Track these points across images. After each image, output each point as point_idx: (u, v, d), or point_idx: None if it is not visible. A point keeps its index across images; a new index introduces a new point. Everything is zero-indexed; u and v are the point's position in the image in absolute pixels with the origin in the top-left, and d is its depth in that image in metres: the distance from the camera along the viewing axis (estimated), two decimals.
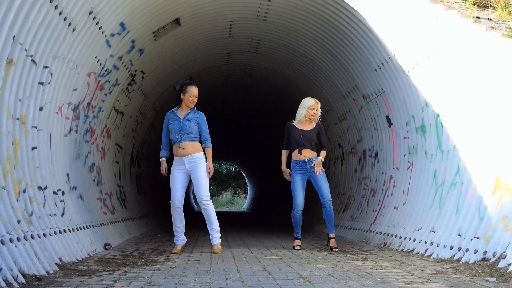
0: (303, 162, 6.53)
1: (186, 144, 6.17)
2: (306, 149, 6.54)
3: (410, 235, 6.22)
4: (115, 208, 8.17)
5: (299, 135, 6.56)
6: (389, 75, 7.21)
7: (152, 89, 9.73)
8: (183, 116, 6.25)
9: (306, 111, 6.59)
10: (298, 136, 6.56)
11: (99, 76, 6.80)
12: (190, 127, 6.18)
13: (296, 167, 6.57)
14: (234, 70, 11.18)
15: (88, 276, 4.21)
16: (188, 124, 6.19)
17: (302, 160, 6.54)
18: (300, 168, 6.55)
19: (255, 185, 29.01)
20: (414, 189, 6.66)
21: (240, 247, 6.88)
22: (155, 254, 5.94)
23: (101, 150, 7.80)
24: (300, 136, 6.56)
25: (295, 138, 6.57)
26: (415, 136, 6.77)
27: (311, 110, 6.58)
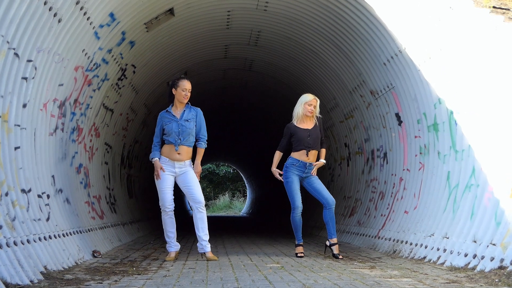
0: (303, 164, 6.55)
1: (183, 149, 6.16)
2: (312, 151, 6.58)
3: (421, 242, 6.22)
4: (104, 213, 8.18)
5: (306, 136, 6.57)
6: (399, 69, 7.21)
7: (144, 84, 9.73)
8: (180, 116, 6.22)
9: (303, 107, 6.61)
10: (305, 137, 6.57)
11: (87, 70, 6.80)
12: (190, 129, 6.16)
13: (293, 167, 6.57)
14: (232, 64, 11.18)
15: (75, 286, 4.21)
16: (188, 125, 6.17)
17: (304, 162, 6.54)
18: (298, 169, 6.56)
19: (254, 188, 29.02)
20: (426, 192, 6.67)
21: (239, 254, 6.89)
22: (147, 262, 5.94)
23: (89, 150, 7.81)
24: (308, 137, 6.56)
25: (302, 139, 6.57)
26: (427, 135, 6.78)
27: (309, 106, 6.59)
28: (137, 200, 12.17)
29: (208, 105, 14.43)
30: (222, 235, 11.00)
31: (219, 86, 12.88)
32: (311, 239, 9.62)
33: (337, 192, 10.79)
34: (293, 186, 6.54)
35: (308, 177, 6.56)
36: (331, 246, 6.50)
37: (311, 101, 6.60)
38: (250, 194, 31.69)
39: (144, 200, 13.22)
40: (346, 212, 9.80)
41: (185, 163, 6.19)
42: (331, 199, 6.50)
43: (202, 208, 6.19)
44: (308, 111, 6.59)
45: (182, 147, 6.15)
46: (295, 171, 6.56)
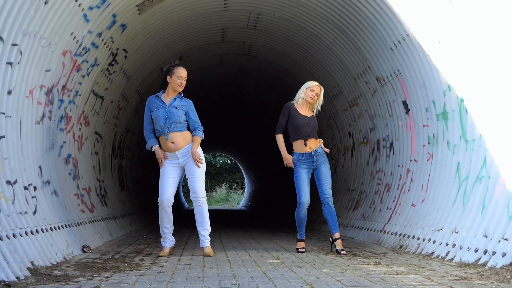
0: (309, 155, 6.56)
1: (175, 136, 6.11)
2: (311, 139, 6.56)
3: (429, 236, 6.24)
4: (94, 206, 8.19)
5: (305, 123, 6.57)
6: (407, 54, 7.20)
7: (136, 70, 9.71)
8: (169, 103, 6.20)
9: (305, 92, 6.62)
10: (303, 125, 6.58)
11: (75, 55, 6.78)
12: (177, 116, 6.12)
13: (300, 161, 6.58)
14: (229, 49, 11.16)
15: (64, 282, 4.22)
16: (176, 112, 6.13)
17: (308, 152, 6.56)
18: (306, 162, 6.57)
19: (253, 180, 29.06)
20: (434, 184, 6.68)
21: (237, 249, 6.90)
22: (140, 258, 5.96)
23: (78, 139, 7.80)
24: (306, 124, 6.56)
25: (300, 126, 6.57)
26: (435, 124, 6.78)
27: (311, 91, 6.60)
28: (129, 193, 12.19)
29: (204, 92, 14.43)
30: (219, 229, 11.02)
31: (216, 72, 12.86)
32: (313, 234, 9.65)
33: (340, 184, 10.81)
34: (300, 180, 6.56)
35: (319, 166, 6.58)
36: (334, 241, 6.52)
37: (314, 87, 6.62)
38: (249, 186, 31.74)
39: (136, 192, 13.24)
40: (350, 205, 9.82)
41: (186, 148, 6.12)
42: (328, 194, 6.54)
43: (201, 201, 6.17)
44: (309, 96, 6.60)
45: (172, 134, 6.12)
46: (304, 165, 6.58)
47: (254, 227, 12.11)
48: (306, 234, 9.29)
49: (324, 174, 6.57)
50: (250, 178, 30.78)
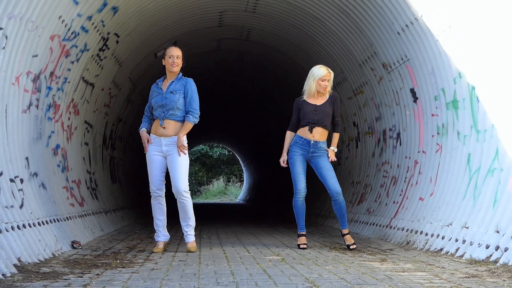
0: (307, 142, 6.55)
1: (169, 123, 6.14)
2: (317, 128, 6.55)
3: (438, 232, 6.25)
4: (84, 199, 8.20)
5: (311, 110, 6.57)
6: (415, 39, 7.18)
7: (128, 55, 9.70)
8: (166, 88, 6.23)
9: (316, 83, 6.58)
10: (310, 112, 6.56)
11: (64, 40, 6.76)
12: (174, 101, 6.13)
13: (297, 145, 6.58)
14: (227, 33, 11.13)
15: (53, 280, 4.23)
16: (172, 98, 6.14)
17: (308, 140, 6.54)
18: (301, 148, 6.56)
19: (253, 172, 29.07)
20: (443, 177, 6.68)
21: (234, 245, 6.92)
22: (133, 254, 5.97)
23: (67, 129, 7.80)
24: (313, 111, 6.55)
25: (306, 114, 6.56)
26: (445, 113, 6.78)
27: (322, 81, 6.57)
28: (121, 186, 12.20)
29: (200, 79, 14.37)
30: (216, 224, 11.04)
31: (213, 59, 12.83)
32: (316, 229, 9.66)
33: (344, 177, 10.82)
34: (295, 168, 6.55)
35: (315, 158, 6.56)
36: (343, 236, 6.56)
37: (325, 75, 6.57)
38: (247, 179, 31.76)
39: (129, 185, 13.25)
40: (355, 199, 9.83)
41: (172, 138, 6.14)
42: (335, 189, 6.49)
43: (184, 197, 6.17)
44: (322, 87, 6.58)
45: (167, 121, 6.15)
46: (299, 150, 6.57)
47: (253, 222, 12.13)
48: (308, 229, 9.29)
49: (325, 167, 6.53)
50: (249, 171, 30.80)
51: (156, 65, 11.39)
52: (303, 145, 6.56)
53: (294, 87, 13.06)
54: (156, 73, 11.91)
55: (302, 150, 6.56)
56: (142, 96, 12.50)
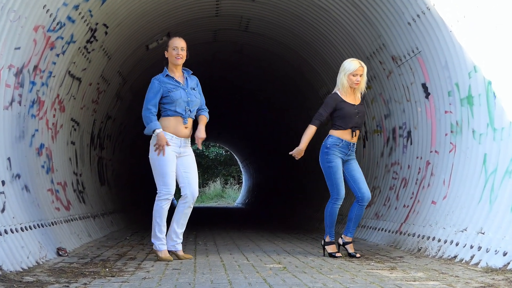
0: (347, 145, 6.59)
1: (190, 123, 6.24)
2: (358, 131, 6.69)
3: (451, 238, 6.26)
4: (70, 203, 8.20)
5: (354, 113, 6.59)
6: (427, 30, 7.19)
7: (117, 48, 9.70)
8: (184, 82, 6.27)
9: (348, 78, 6.57)
10: (353, 115, 6.59)
11: (49, 31, 6.77)
12: (197, 98, 6.28)
13: (336, 147, 6.60)
14: (225, 24, 11.13)
15: None
16: (195, 94, 6.28)
17: (348, 142, 6.60)
18: (341, 150, 6.59)
19: (252, 174, 29.09)
20: (457, 179, 6.69)
21: (232, 252, 6.93)
22: (123, 262, 5.97)
23: (52, 127, 7.80)
24: (356, 115, 6.60)
25: (350, 116, 6.57)
26: (459, 109, 6.78)
27: (353, 76, 6.56)
28: (110, 188, 12.21)
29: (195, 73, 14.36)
30: (212, 229, 11.05)
31: (209, 51, 12.83)
32: (320, 235, 9.68)
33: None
34: (338, 173, 6.57)
35: (348, 161, 6.65)
36: (345, 245, 6.56)
37: (357, 70, 6.54)
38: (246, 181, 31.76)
39: (118, 187, 13.25)
40: None
41: (187, 140, 6.26)
42: (367, 195, 6.60)
43: (193, 203, 6.31)
44: (354, 83, 6.58)
45: (190, 120, 6.24)
46: (338, 153, 6.60)
47: (253, 227, 12.14)
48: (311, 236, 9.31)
49: (358, 170, 6.66)
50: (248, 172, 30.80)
51: (148, 58, 11.40)
52: (343, 147, 6.59)
53: (297, 81, 13.08)
54: (148, 67, 11.96)
55: (341, 153, 6.60)
56: (132, 92, 12.50)
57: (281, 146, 18.96)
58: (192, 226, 11.93)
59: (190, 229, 11.07)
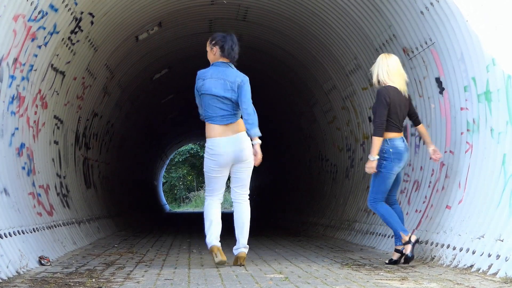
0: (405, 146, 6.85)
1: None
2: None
3: (468, 245, 6.27)
4: (53, 208, 8.21)
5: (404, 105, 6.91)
6: (441, 20, 7.20)
7: (105, 39, 9.70)
8: None
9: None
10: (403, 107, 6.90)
11: (30, 20, 6.77)
12: None
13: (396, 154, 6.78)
14: (221, 12, 11.14)
15: None
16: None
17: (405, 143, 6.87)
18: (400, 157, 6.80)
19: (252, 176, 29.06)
20: (474, 181, 6.70)
21: (230, 261, 6.94)
22: (111, 272, 5.98)
23: (34, 125, 7.81)
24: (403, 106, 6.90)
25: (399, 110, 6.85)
26: (476, 106, 6.79)
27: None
28: (97, 191, 12.21)
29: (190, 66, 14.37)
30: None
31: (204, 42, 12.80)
32: (325, 242, 9.68)
33: (358, 181, 10.83)
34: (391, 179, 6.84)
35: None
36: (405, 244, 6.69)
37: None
38: None
39: (106, 190, 13.26)
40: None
41: None
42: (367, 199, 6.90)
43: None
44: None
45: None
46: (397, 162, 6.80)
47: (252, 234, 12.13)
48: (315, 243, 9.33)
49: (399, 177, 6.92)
50: None
51: (138, 50, 11.41)
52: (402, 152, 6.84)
53: (300, 74, 13.08)
54: (138, 59, 11.96)
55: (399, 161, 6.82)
56: (121, 87, 12.51)
57: (282, 144, 18.96)
58: (186, 233, 11.94)
59: (183, 236, 11.08)
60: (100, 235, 10.58)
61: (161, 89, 15.88)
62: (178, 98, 17.52)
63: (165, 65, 13.55)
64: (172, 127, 22.54)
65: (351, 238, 9.86)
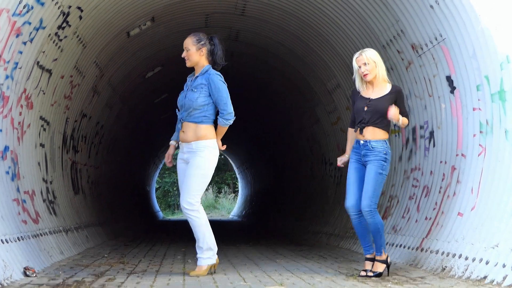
0: (358, 144, 6.76)
1: (188, 126, 6.61)
2: (369, 128, 6.71)
3: (481, 255, 6.27)
4: (39, 215, 8.20)
5: (362, 106, 6.75)
6: (452, 14, 7.20)
7: (94, 35, 9.70)
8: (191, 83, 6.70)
9: (358, 71, 6.76)
10: (361, 109, 6.76)
11: (14, 15, 6.78)
12: (192, 100, 6.58)
13: (353, 151, 6.82)
14: (218, 6, 11.15)
15: None
16: (191, 96, 6.61)
17: (358, 140, 6.76)
18: (355, 153, 6.79)
19: (249, 181, 29.11)
20: (487, 187, 6.70)
21: (227, 272, 6.94)
22: (100, 283, 5.98)
23: (18, 127, 7.81)
24: (364, 108, 6.73)
25: (358, 111, 6.78)
26: (490, 106, 6.80)
27: (359, 67, 6.74)
28: (86, 198, 12.21)
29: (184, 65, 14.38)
30: None
31: None
32: (328, 251, 9.69)
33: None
34: (348, 178, 6.79)
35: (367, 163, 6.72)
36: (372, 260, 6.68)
37: (357, 60, 6.74)
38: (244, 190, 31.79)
39: (95, 197, 13.26)
40: None
41: (191, 145, 6.57)
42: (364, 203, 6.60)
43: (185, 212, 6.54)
44: (362, 73, 6.74)
45: (186, 124, 6.62)
46: (354, 157, 6.79)
47: (250, 243, 12.15)
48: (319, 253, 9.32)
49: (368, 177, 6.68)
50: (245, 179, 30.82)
51: (129, 46, 11.42)
52: (356, 148, 6.79)
53: (303, 73, 13.08)
54: (129, 56, 11.97)
55: (356, 155, 6.77)
56: (111, 86, 12.52)
57: (283, 147, 18.96)
58: (180, 242, 11.94)
59: (178, 245, 11.08)
60: (89, 244, 10.58)
61: (154, 88, 15.88)
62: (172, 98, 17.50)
63: (158, 62, 13.56)
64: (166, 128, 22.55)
65: (356, 248, 9.86)
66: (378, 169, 6.64)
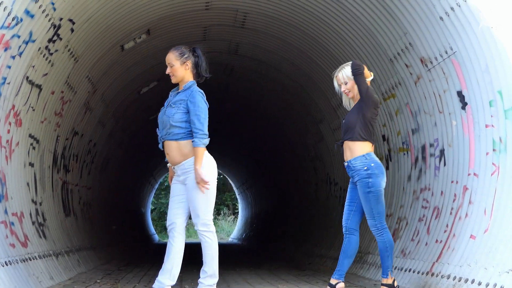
0: (346, 166, 6.89)
1: (170, 146, 6.46)
2: (346, 143, 6.87)
3: (495, 280, 6.26)
4: (28, 238, 8.19)
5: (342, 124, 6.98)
6: (463, 26, 7.22)
7: (86, 48, 9.72)
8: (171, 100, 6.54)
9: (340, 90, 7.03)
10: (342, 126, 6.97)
11: (2, 28, 6.79)
12: (169, 116, 6.41)
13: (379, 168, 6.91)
14: (217, 19, 11.18)
15: None
16: (169, 112, 6.45)
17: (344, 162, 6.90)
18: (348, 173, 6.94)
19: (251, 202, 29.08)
20: (501, 208, 6.69)
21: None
22: None
23: (7, 145, 7.81)
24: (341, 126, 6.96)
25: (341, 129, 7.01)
26: (503, 123, 6.80)
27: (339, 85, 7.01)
28: (77, 220, 12.19)
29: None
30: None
31: None
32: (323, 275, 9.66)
33: None
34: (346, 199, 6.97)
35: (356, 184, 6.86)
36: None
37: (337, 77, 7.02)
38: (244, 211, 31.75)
39: (87, 219, 13.23)
40: None
41: (183, 165, 6.42)
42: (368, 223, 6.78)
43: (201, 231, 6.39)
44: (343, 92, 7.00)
45: (166, 143, 6.47)
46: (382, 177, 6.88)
47: (251, 267, 12.12)
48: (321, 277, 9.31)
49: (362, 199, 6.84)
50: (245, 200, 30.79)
51: (123, 60, 11.44)
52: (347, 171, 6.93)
53: (306, 88, 13.09)
54: (123, 71, 11.98)
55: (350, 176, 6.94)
56: (104, 102, 12.53)
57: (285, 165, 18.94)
58: None
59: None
60: (81, 269, 10.55)
61: (149, 104, 15.88)
62: None
63: (154, 77, 13.57)
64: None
65: (363, 272, 9.83)
66: (364, 189, 6.77)
